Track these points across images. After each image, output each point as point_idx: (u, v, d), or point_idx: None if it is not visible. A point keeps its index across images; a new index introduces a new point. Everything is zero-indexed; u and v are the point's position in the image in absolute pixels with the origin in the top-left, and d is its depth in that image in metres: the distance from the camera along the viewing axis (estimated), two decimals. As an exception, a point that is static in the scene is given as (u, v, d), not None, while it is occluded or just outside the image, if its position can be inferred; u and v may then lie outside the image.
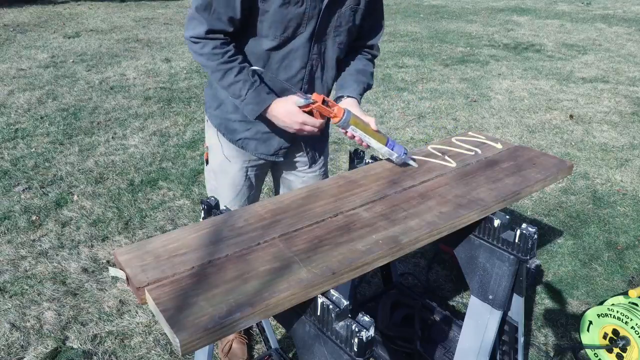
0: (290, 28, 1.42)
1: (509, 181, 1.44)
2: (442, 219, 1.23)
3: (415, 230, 1.17)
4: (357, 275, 1.06)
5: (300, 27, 1.43)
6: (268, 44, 1.45)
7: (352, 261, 1.05)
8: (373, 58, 1.70)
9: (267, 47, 1.46)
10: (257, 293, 0.95)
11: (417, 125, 4.39)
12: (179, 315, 0.89)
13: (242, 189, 1.76)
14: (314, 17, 1.43)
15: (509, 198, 1.37)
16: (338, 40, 1.52)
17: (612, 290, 2.45)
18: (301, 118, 1.43)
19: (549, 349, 2.13)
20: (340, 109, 1.38)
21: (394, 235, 1.15)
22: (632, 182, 3.46)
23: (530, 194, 1.48)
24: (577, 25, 8.87)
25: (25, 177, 3.40)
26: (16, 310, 2.26)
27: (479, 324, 1.44)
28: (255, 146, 1.65)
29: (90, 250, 2.69)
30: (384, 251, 1.10)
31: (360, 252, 1.08)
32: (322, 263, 1.04)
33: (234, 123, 1.62)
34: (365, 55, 1.68)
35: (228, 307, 0.91)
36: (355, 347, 0.95)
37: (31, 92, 5.00)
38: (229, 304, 0.92)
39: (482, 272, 1.40)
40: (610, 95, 5.18)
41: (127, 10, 9.79)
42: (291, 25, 1.42)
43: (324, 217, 1.22)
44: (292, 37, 1.45)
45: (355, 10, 1.49)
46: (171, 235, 1.14)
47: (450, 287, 2.48)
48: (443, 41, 7.59)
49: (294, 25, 1.42)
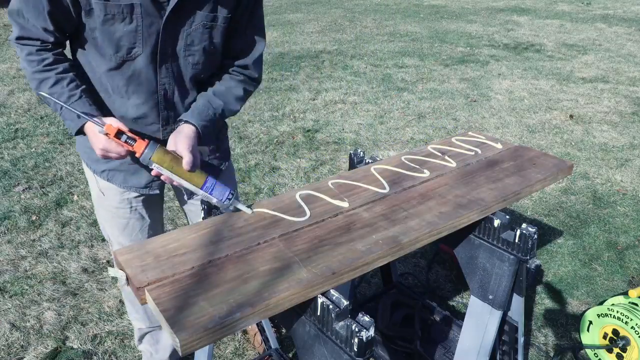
0: (124, 48, 1.26)
1: (510, 181, 1.44)
2: (442, 219, 1.23)
3: (415, 230, 1.17)
4: (357, 275, 1.07)
5: (136, 47, 1.26)
6: (106, 64, 1.30)
7: (352, 261, 1.05)
8: (248, 79, 1.46)
9: (107, 68, 1.30)
10: (257, 293, 0.95)
11: (417, 125, 4.39)
12: (179, 315, 0.89)
13: (129, 222, 1.57)
14: (151, 36, 1.26)
15: (510, 198, 1.37)
16: (192, 61, 1.34)
17: (612, 290, 2.45)
18: (101, 144, 1.24)
19: (549, 349, 2.13)
20: (142, 142, 1.20)
21: (394, 235, 1.15)
22: (632, 182, 3.46)
23: (530, 194, 1.48)
24: (577, 25, 8.88)
25: (25, 177, 3.40)
26: (16, 310, 2.26)
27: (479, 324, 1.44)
28: (124, 178, 1.48)
29: (90, 250, 2.69)
30: (384, 251, 1.10)
31: (360, 252, 1.08)
32: (322, 263, 1.04)
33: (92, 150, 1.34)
34: (236, 75, 1.45)
35: (228, 307, 0.91)
36: (355, 347, 0.95)
37: (31, 92, 5.00)
38: (229, 304, 0.92)
39: (482, 272, 1.40)
40: (610, 95, 5.18)
41: (127, 10, 9.78)
42: (123, 44, 1.25)
43: (324, 217, 1.22)
44: (128, 58, 1.28)
45: (210, 27, 1.31)
46: (171, 235, 1.14)
47: (450, 287, 2.48)
48: (443, 41, 7.59)
49: (127, 45, 1.25)
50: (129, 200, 1.54)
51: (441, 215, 1.24)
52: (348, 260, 1.05)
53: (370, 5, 10.86)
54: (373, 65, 6.21)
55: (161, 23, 1.25)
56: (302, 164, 3.67)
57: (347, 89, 5.29)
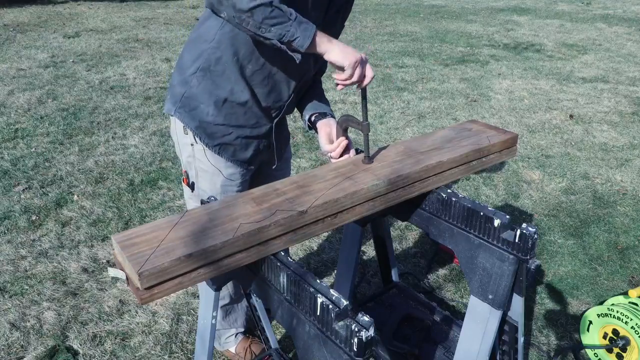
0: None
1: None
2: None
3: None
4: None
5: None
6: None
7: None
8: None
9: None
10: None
11: (417, 125, 4.39)
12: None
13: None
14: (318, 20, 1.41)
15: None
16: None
17: (612, 290, 2.45)
18: (357, 53, 1.29)
19: (549, 349, 2.13)
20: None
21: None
22: (632, 182, 3.46)
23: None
24: (577, 25, 8.87)
25: (25, 177, 3.40)
26: (16, 310, 2.26)
27: (479, 324, 1.44)
28: (234, 152, 1.57)
29: (90, 250, 2.69)
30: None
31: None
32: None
33: (213, 126, 1.51)
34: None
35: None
36: (354, 347, 0.95)
37: (31, 92, 5.00)
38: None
39: (482, 271, 1.40)
40: (610, 95, 5.18)
41: (127, 10, 9.79)
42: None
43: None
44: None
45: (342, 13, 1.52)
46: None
47: (450, 287, 2.48)
48: (443, 41, 7.59)
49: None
50: (238, 174, 1.62)
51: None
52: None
53: (370, 5, 10.86)
54: (373, 65, 6.20)
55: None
56: (302, 163, 3.67)
57: (347, 89, 5.29)
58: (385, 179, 1.29)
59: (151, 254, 0.98)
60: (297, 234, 1.16)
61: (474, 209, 1.34)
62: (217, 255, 1.03)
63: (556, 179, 3.49)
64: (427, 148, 1.49)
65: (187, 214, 1.14)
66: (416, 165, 1.37)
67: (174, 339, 2.13)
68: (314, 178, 1.31)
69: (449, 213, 1.40)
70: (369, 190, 1.26)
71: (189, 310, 2.28)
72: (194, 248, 1.00)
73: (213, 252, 1.02)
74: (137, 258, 0.98)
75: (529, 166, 3.67)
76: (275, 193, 1.23)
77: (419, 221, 1.51)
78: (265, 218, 1.11)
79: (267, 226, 1.09)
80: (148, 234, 1.06)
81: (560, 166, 3.67)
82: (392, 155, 1.45)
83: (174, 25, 8.48)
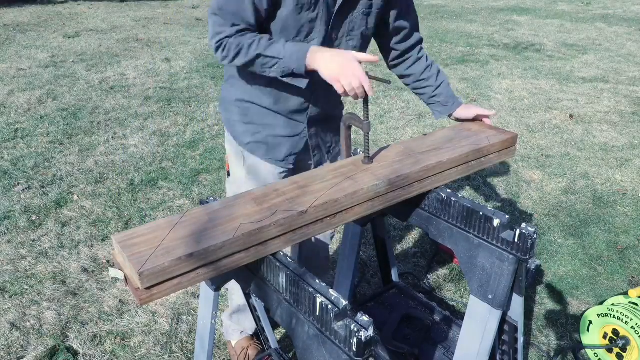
0: (303, 32, 1.42)
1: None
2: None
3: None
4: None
5: (314, 32, 1.43)
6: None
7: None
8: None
9: None
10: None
11: (417, 125, 4.39)
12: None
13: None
14: (325, 23, 1.43)
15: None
16: (352, 44, 1.53)
17: (612, 290, 2.45)
18: (359, 68, 1.31)
19: (549, 349, 2.13)
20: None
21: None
22: (632, 182, 3.46)
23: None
24: (577, 25, 8.87)
25: (25, 177, 3.40)
26: (16, 310, 2.26)
27: (479, 324, 1.44)
28: (266, 150, 1.63)
29: (90, 250, 2.69)
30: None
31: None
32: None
33: (243, 125, 1.61)
34: (421, 52, 1.71)
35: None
36: (354, 347, 0.95)
37: (31, 92, 5.00)
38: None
39: (481, 271, 1.40)
40: (610, 95, 5.18)
41: (127, 10, 9.79)
42: (304, 30, 1.42)
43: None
44: (305, 42, 1.44)
45: (367, 14, 1.49)
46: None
47: (450, 287, 2.48)
48: (443, 41, 7.59)
49: (306, 30, 1.42)
50: (275, 175, 1.66)
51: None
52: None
53: (370, 5, 10.83)
54: (373, 64, 6.21)
55: (333, 12, 1.43)
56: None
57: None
58: (385, 179, 1.29)
59: (151, 254, 0.98)
60: (297, 234, 1.16)
61: (474, 209, 1.34)
62: (217, 255, 1.03)
63: (556, 179, 3.49)
64: (426, 148, 1.49)
65: (187, 214, 1.14)
66: (416, 166, 1.37)
67: (174, 339, 2.14)
68: (314, 178, 1.31)
69: (449, 213, 1.41)
70: (368, 191, 1.26)
71: (189, 310, 2.29)
72: (194, 248, 1.01)
73: (213, 252, 1.02)
74: (138, 258, 0.98)
75: (529, 166, 3.67)
76: (275, 193, 1.23)
77: (419, 221, 1.51)
78: (266, 218, 1.11)
79: (267, 226, 1.09)
80: (148, 234, 1.06)
81: (560, 166, 3.67)
82: (392, 155, 1.45)
83: (174, 25, 8.48)
